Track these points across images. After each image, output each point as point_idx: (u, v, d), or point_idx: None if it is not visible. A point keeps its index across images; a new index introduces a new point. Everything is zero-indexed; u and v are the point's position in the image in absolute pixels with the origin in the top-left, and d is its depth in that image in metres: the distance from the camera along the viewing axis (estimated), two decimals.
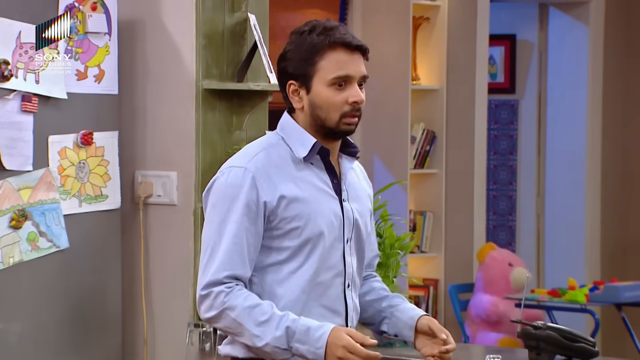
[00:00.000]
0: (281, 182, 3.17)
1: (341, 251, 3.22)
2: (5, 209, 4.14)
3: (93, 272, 4.40)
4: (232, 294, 3.14)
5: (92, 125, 4.39)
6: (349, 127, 3.17)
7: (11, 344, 4.15)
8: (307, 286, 3.19)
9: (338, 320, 3.19)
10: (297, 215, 3.16)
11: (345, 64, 3.18)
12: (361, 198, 3.29)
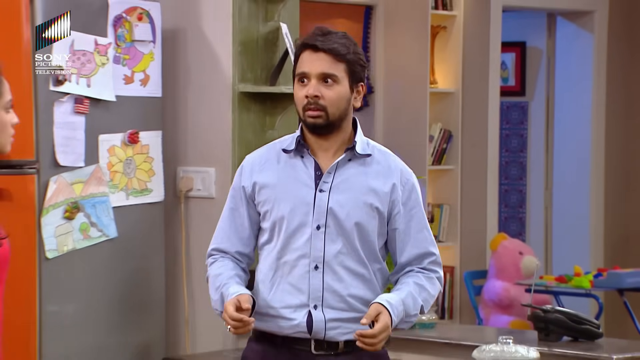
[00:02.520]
0: (262, 171, 3.28)
1: (308, 235, 3.22)
2: (59, 202, 4.16)
3: (139, 259, 4.41)
4: (213, 264, 3.33)
5: (138, 125, 4.40)
6: (310, 119, 3.22)
7: (65, 325, 4.17)
8: (274, 264, 3.25)
9: (302, 298, 3.22)
10: (266, 200, 3.25)
11: (305, 62, 3.23)
12: (354, 192, 3.25)
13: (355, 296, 3.22)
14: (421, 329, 4.24)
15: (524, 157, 7.62)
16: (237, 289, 3.23)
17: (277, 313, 3.25)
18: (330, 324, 3.21)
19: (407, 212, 3.26)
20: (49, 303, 4.12)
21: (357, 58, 3.26)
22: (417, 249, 3.27)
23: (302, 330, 3.21)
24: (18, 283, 3.72)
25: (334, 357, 3.21)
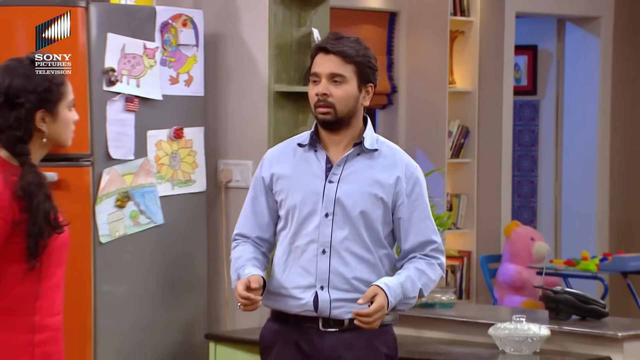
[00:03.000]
0: (279, 163, 3.31)
1: (317, 222, 3.24)
2: (112, 192, 4.18)
3: (183, 244, 4.43)
4: (235, 248, 3.37)
5: (183, 122, 4.42)
6: (320, 116, 3.26)
7: (117, 303, 4.20)
8: (288, 248, 3.28)
9: (310, 279, 3.25)
10: (281, 189, 3.28)
11: (317, 63, 3.27)
12: (360, 183, 3.26)
13: (360, 279, 3.24)
14: (441, 308, 4.24)
15: (535, 151, 7.60)
16: (251, 270, 3.26)
17: (288, 293, 3.28)
18: (335, 303, 3.23)
19: (411, 203, 3.27)
20: (102, 283, 4.16)
21: (367, 61, 3.28)
22: (419, 237, 3.28)
23: (309, 309, 3.24)
24: (75, 265, 3.75)
25: (339, 333, 3.23)
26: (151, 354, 4.29)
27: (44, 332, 3.12)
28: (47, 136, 3.14)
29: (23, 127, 3.10)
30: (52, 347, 3.15)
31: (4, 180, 3.08)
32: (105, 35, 4.14)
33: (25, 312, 3.08)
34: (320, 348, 3.24)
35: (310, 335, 3.25)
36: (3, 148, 3.16)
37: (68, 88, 3.17)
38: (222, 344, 4.17)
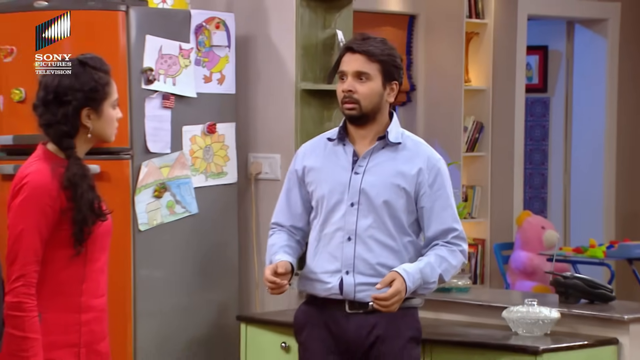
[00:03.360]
0: (310, 157, 3.36)
1: (343, 211, 3.25)
2: (150, 183, 4.20)
3: (216, 232, 4.44)
4: (271, 236, 3.41)
5: (215, 118, 4.43)
6: (346, 111, 3.29)
7: (155, 286, 4.23)
8: (318, 236, 3.32)
9: (337, 264, 3.27)
10: (312, 181, 3.33)
11: (344, 62, 3.29)
12: (384, 174, 3.27)
13: (384, 264, 3.25)
14: (457, 292, 4.24)
15: (546, 145, 7.58)
16: (281, 257, 3.29)
17: (317, 277, 3.30)
18: (359, 287, 3.24)
19: (433, 193, 3.27)
20: (141, 268, 4.18)
21: (391, 60, 3.29)
22: (441, 225, 3.28)
23: (335, 292, 3.26)
24: (116, 251, 3.77)
25: (364, 315, 3.24)
26: (186, 334, 4.31)
27: (89, 312, 3.15)
28: (92, 132, 3.17)
29: (69, 122, 3.13)
30: (97, 326, 3.18)
31: (52, 171, 3.12)
32: (144, 37, 4.16)
33: (73, 294, 3.11)
34: (346, 329, 3.26)
35: (337, 317, 3.27)
36: (51, 142, 3.19)
37: (112, 88, 3.20)
38: (252, 325, 4.18)
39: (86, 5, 4.17)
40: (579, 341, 3.74)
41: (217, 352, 4.40)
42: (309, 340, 3.32)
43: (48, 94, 3.15)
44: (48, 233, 3.08)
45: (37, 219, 3.06)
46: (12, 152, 4.27)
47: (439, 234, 3.29)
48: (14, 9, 4.27)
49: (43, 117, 3.16)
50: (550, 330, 3.78)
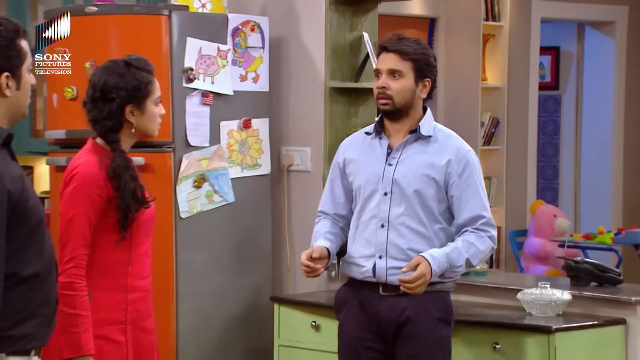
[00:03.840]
0: (350, 150, 3.36)
1: (377, 200, 3.24)
2: (190, 174, 4.20)
3: (251, 219, 4.44)
4: (317, 224, 3.40)
5: (250, 114, 4.42)
6: (381, 106, 3.29)
7: (195, 269, 4.23)
8: (356, 223, 3.32)
9: (371, 249, 3.26)
10: (351, 172, 3.33)
11: (379, 61, 3.28)
12: (415, 165, 3.25)
13: (415, 250, 3.23)
14: (475, 276, 4.22)
15: (557, 139, 7.53)
16: (320, 242, 3.29)
17: (354, 261, 3.29)
18: (390, 271, 3.23)
19: (463, 182, 3.25)
20: (183, 252, 4.18)
21: (424, 58, 3.26)
22: (470, 212, 3.26)
23: (369, 275, 3.25)
24: (160, 237, 3.78)
25: (396, 297, 3.23)
26: (224, 313, 4.31)
27: (135, 292, 3.16)
28: (136, 127, 3.17)
29: (114, 118, 3.14)
30: (142, 305, 3.19)
31: (99, 163, 3.13)
32: (185, 39, 4.16)
33: (119, 275, 3.12)
34: (379, 310, 3.25)
35: (372, 298, 3.26)
36: (99, 136, 3.20)
37: (155, 86, 3.20)
38: (284, 305, 4.18)
39: (132, 11, 4.18)
40: (589, 321, 3.72)
41: (252, 330, 4.40)
42: (346, 318, 3.32)
43: (95, 92, 3.17)
44: (96, 219, 3.09)
45: (86, 207, 3.07)
46: (65, 146, 4.28)
47: (469, 220, 3.26)
48: None
49: (91, 113, 3.18)
50: (562, 311, 3.75)
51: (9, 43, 2.40)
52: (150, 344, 3.23)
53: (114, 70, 3.17)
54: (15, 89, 2.45)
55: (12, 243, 2.36)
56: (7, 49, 2.40)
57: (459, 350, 3.69)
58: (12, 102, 2.45)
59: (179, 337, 4.14)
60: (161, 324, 3.76)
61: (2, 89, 2.42)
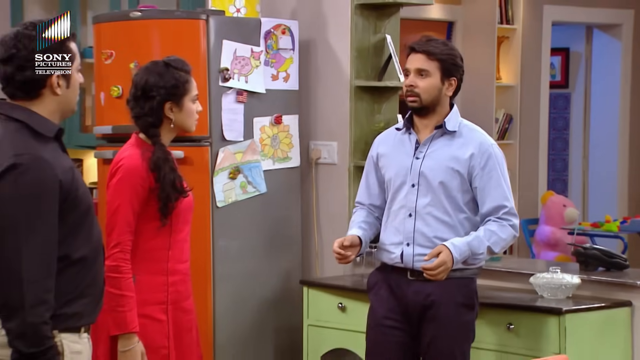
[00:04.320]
0: (383, 145, 3.37)
1: (406, 191, 3.22)
2: (226, 166, 4.21)
3: (282, 209, 4.44)
4: (354, 214, 3.41)
5: (281, 111, 4.42)
6: (409, 103, 3.28)
7: (231, 254, 4.23)
8: (387, 212, 3.32)
9: (400, 237, 3.26)
10: (382, 165, 3.34)
11: (408, 61, 3.27)
12: (440, 159, 3.23)
13: (440, 238, 3.22)
14: (490, 261, 4.19)
15: (567, 134, 7.48)
16: (353, 231, 3.28)
17: (385, 248, 3.29)
18: (417, 257, 3.22)
19: (486, 174, 3.24)
20: (219, 238, 4.19)
21: (450, 59, 3.25)
22: (493, 202, 3.24)
23: (398, 261, 3.24)
24: (198, 224, 3.80)
25: (423, 282, 3.22)
26: (257, 295, 4.32)
27: (175, 275, 3.17)
28: (174, 122, 3.18)
29: (154, 115, 3.16)
30: (181, 287, 3.20)
31: (142, 155, 3.14)
32: (221, 41, 4.15)
33: (161, 259, 3.14)
34: (406, 293, 3.25)
35: (400, 282, 3.26)
36: (141, 131, 3.21)
37: (192, 85, 3.21)
38: (313, 288, 4.18)
39: (173, 15, 4.19)
40: (597, 303, 3.70)
41: (283, 311, 4.40)
42: (376, 299, 3.33)
43: (137, 91, 3.18)
44: (139, 207, 3.10)
45: (131, 196, 3.09)
46: (111, 140, 4.30)
47: (492, 210, 3.24)
48: (113, 18, 4.31)
49: (133, 110, 3.20)
50: (572, 294, 3.73)
51: (61, 45, 2.42)
52: (189, 322, 3.24)
53: (154, 70, 3.18)
54: (66, 88, 2.46)
55: (63, 229, 2.37)
56: (59, 51, 2.41)
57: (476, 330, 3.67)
58: (63, 99, 2.47)
59: (215, 317, 4.15)
60: (199, 304, 3.76)
61: (54, 88, 2.44)
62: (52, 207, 2.34)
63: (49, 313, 2.33)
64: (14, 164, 2.33)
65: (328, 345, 4.09)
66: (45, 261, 2.32)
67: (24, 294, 2.29)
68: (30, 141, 2.38)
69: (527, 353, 3.54)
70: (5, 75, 2.42)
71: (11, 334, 2.33)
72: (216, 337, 4.14)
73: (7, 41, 2.41)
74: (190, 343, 3.23)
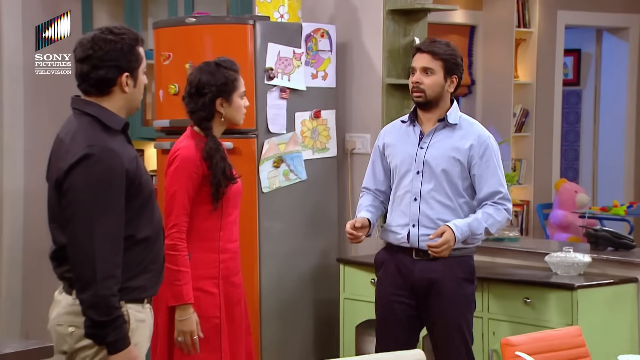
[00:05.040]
0: (389, 135, 3.36)
1: (411, 178, 3.21)
2: (270, 156, 4.21)
3: (320, 194, 4.43)
4: (360, 198, 3.41)
5: (320, 106, 4.41)
6: (415, 98, 3.26)
7: (275, 235, 4.23)
8: (393, 197, 3.32)
9: (406, 219, 3.24)
10: (389, 154, 3.32)
11: (414, 60, 3.24)
12: (443, 149, 3.22)
13: (443, 219, 3.22)
14: (509, 241, 4.18)
15: (578, 127, 7.38)
16: (362, 214, 3.28)
17: (392, 229, 3.29)
18: (422, 237, 3.22)
19: (483, 163, 3.24)
20: (264, 221, 4.19)
21: (452, 58, 3.24)
22: (489, 188, 3.24)
23: (404, 241, 3.24)
24: (245, 208, 3.80)
25: (427, 261, 3.22)
26: (298, 272, 4.32)
27: (225, 253, 3.19)
28: (225, 117, 3.20)
29: (207, 110, 3.18)
30: (231, 264, 3.22)
31: (196, 146, 3.16)
32: (267, 44, 4.15)
33: (213, 239, 3.16)
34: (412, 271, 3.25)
35: (406, 260, 3.26)
36: (195, 124, 3.23)
37: (240, 82, 3.22)
38: (348, 265, 4.18)
39: (224, 21, 4.19)
40: (606, 280, 3.67)
41: (322, 286, 4.40)
42: (384, 276, 3.33)
43: (191, 88, 3.20)
44: (194, 192, 3.12)
45: (186, 182, 3.11)
46: (169, 133, 4.32)
47: (488, 195, 3.24)
48: (170, 24, 4.32)
49: (188, 105, 3.22)
50: (583, 271, 3.69)
51: (130, 49, 2.45)
52: (238, 295, 3.26)
53: (206, 70, 3.20)
54: (133, 87, 2.49)
55: (128, 212, 2.40)
56: (129, 53, 2.44)
57: (495, 303, 3.65)
58: (130, 97, 2.50)
59: (261, 291, 4.16)
60: (247, 279, 3.78)
61: (123, 86, 2.47)
62: (120, 193, 2.37)
63: (117, 286, 2.36)
64: (87, 154, 2.36)
65: (362, 316, 4.09)
66: (114, 240, 2.35)
67: (95, 269, 2.32)
68: (101, 134, 2.41)
69: (542, 324, 3.52)
70: (81, 73, 2.45)
71: (84, 304, 2.36)
72: (262, 309, 4.16)
73: (85, 43, 2.45)
74: (240, 314, 3.25)
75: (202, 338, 3.11)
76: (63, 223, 2.40)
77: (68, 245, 2.38)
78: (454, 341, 3.20)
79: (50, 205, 2.47)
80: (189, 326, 3.07)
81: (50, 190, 2.46)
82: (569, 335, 2.79)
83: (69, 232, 2.37)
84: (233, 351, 3.20)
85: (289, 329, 4.26)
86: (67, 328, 2.44)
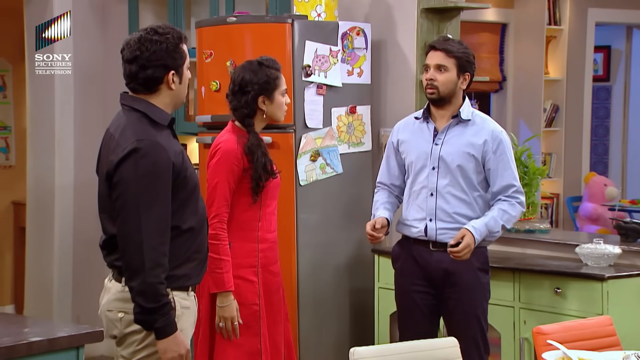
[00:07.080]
0: (403, 131, 3.34)
1: (427, 173, 3.19)
2: (307, 150, 4.22)
3: (355, 186, 4.42)
4: (376, 193, 3.41)
5: (356, 102, 4.40)
6: (428, 95, 3.24)
7: (311, 225, 4.24)
8: (409, 192, 3.30)
9: (423, 214, 3.23)
10: (403, 150, 3.29)
11: (428, 57, 3.22)
12: (457, 144, 3.20)
13: (459, 213, 3.21)
14: (539, 233, 4.14)
15: (608, 122, 7.28)
16: (380, 213, 3.28)
17: (409, 223, 3.28)
18: (439, 231, 3.21)
19: (497, 158, 3.22)
20: (301, 212, 4.20)
21: (465, 56, 3.23)
22: (503, 181, 3.23)
23: (422, 234, 3.23)
24: (284, 200, 3.82)
25: (443, 252, 3.21)
26: (334, 261, 4.33)
27: (264, 243, 3.21)
28: (266, 113, 3.21)
29: (249, 107, 3.19)
30: (270, 253, 3.24)
31: (237, 141, 3.18)
32: (304, 42, 4.15)
33: (252, 229, 3.18)
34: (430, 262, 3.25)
35: (423, 252, 3.25)
36: (237, 120, 3.25)
37: (281, 81, 3.23)
38: (382, 256, 4.18)
39: (263, 20, 4.20)
40: (635, 271, 3.62)
41: (357, 275, 4.40)
42: (402, 267, 3.33)
43: (235, 86, 3.22)
44: (235, 185, 3.14)
45: (227, 175, 3.13)
46: (210, 127, 4.35)
47: (502, 189, 3.23)
48: (212, 23, 4.33)
49: (231, 103, 3.24)
50: (613, 263, 3.65)
51: (175, 47, 2.47)
52: (277, 284, 3.28)
53: (249, 68, 3.21)
54: (178, 84, 2.52)
55: (174, 203, 2.43)
56: (174, 52, 2.47)
57: (526, 293, 3.63)
58: (176, 93, 2.52)
59: (299, 279, 4.17)
60: (285, 268, 3.79)
61: (169, 83, 2.50)
62: (167, 185, 2.39)
63: (164, 274, 2.39)
64: (136, 148, 2.39)
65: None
66: (161, 230, 2.38)
67: (144, 258, 2.35)
68: (148, 129, 2.44)
69: (573, 314, 3.49)
70: (130, 73, 2.48)
71: (133, 291, 2.39)
72: (300, 297, 4.17)
73: (132, 44, 2.48)
74: (278, 301, 3.27)
75: (242, 324, 3.14)
76: (113, 214, 2.43)
77: (118, 234, 2.41)
78: (471, 330, 3.20)
79: (100, 196, 2.50)
80: (230, 312, 3.10)
81: (100, 183, 2.50)
82: (600, 324, 2.76)
83: (118, 222, 2.40)
84: (272, 337, 3.22)
85: (326, 317, 4.26)
86: (117, 314, 2.47)
